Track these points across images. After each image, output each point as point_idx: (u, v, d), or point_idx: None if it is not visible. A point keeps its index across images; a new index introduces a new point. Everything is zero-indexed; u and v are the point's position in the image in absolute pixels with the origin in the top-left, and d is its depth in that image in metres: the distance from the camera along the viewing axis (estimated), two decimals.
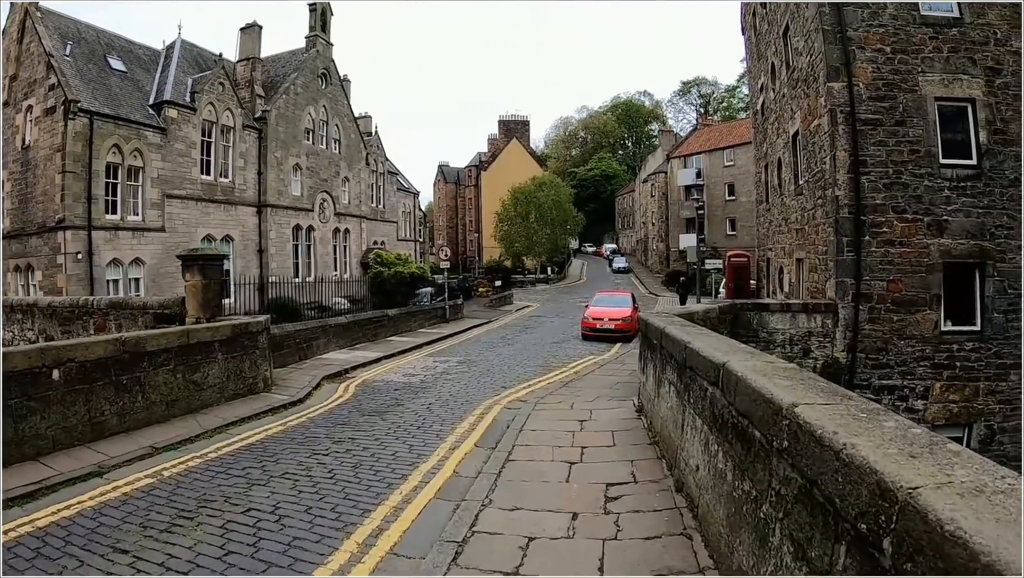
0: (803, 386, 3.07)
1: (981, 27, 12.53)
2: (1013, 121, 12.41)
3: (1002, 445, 12.28)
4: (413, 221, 44.90)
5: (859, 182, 11.73)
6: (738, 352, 4.48)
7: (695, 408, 4.76)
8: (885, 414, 2.49)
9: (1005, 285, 11.94)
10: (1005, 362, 12.01)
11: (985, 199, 12.01)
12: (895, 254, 11.69)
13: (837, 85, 12.01)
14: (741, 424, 3.41)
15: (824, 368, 11.51)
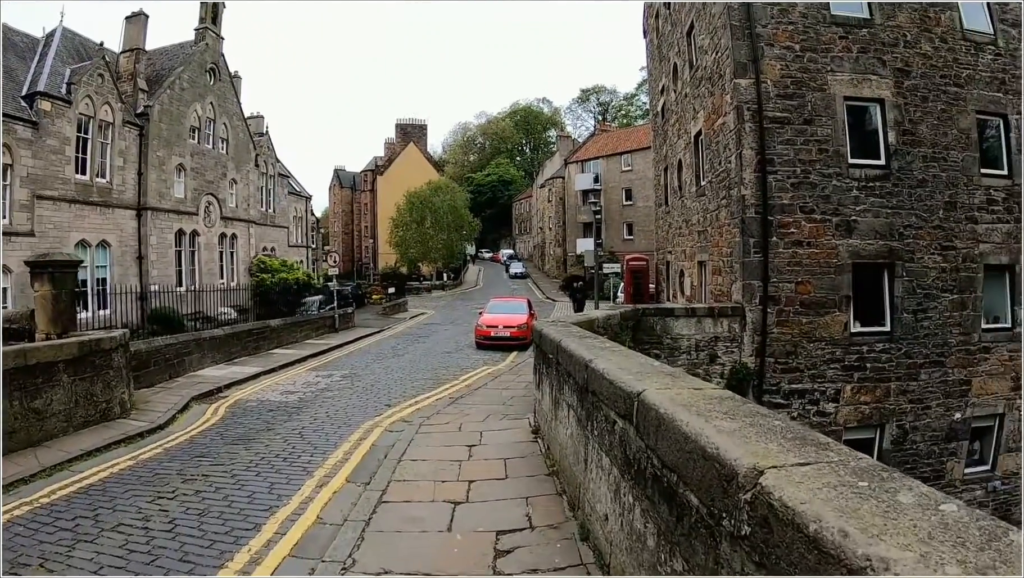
0: (757, 431, 2.17)
1: (891, 28, 12.23)
2: (921, 122, 12.16)
3: (914, 443, 11.97)
4: (305, 226, 42.53)
5: (766, 181, 11.17)
6: (654, 374, 3.51)
7: (601, 443, 3.82)
8: (892, 478, 1.68)
9: (914, 285, 11.62)
10: (915, 362, 11.68)
11: (894, 199, 11.66)
12: (803, 255, 11.18)
13: (744, 82, 11.45)
14: (668, 481, 2.49)
15: (732, 374, 10.93)
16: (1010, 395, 12.50)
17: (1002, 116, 12.85)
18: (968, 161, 12.24)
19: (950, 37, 12.59)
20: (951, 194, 11.98)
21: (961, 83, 12.52)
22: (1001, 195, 12.43)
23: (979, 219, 12.14)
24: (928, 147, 12.02)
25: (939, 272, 11.76)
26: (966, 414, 12.13)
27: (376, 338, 21.44)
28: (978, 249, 12.10)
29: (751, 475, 1.76)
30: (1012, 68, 13.10)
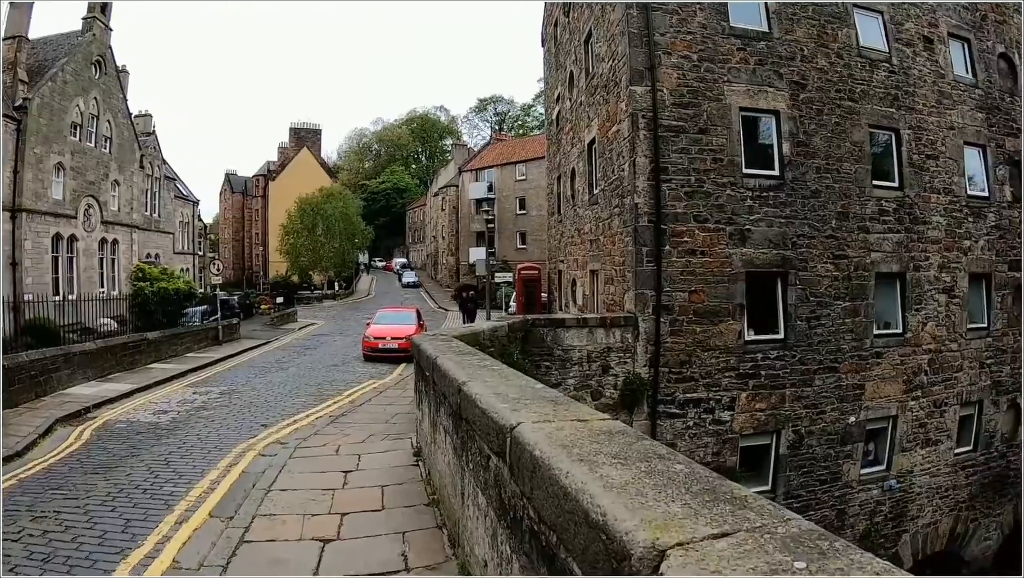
0: (656, 483, 1.73)
1: (789, 43, 12.26)
2: (816, 134, 12.21)
3: (811, 447, 11.96)
4: (193, 233, 40.40)
5: (660, 190, 10.98)
6: (534, 402, 2.99)
7: (476, 478, 3.30)
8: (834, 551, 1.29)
9: (807, 293, 11.61)
10: (810, 368, 11.67)
11: (787, 209, 11.64)
12: (697, 264, 11.02)
13: (640, 89, 11.25)
14: (547, 540, 1.98)
15: (626, 385, 10.67)
16: (902, 397, 12.66)
17: (894, 130, 13.06)
18: (861, 173, 12.36)
19: (846, 53, 12.74)
20: (843, 204, 12.06)
21: (856, 98, 12.66)
22: (892, 206, 12.60)
23: (871, 229, 12.26)
24: (822, 159, 12.08)
25: (832, 280, 11.80)
26: (860, 417, 12.20)
27: (261, 351, 20.40)
28: (870, 258, 12.21)
29: (649, 557, 1.32)
30: (905, 85, 13.35)
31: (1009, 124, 15.25)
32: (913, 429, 12.95)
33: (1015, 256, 14.68)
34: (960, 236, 13.55)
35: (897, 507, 13.28)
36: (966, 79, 14.60)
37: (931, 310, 13.02)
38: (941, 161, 13.46)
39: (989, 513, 15.26)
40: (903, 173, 12.85)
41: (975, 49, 14.93)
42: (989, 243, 14.15)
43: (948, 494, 14.08)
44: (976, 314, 14.07)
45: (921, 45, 13.83)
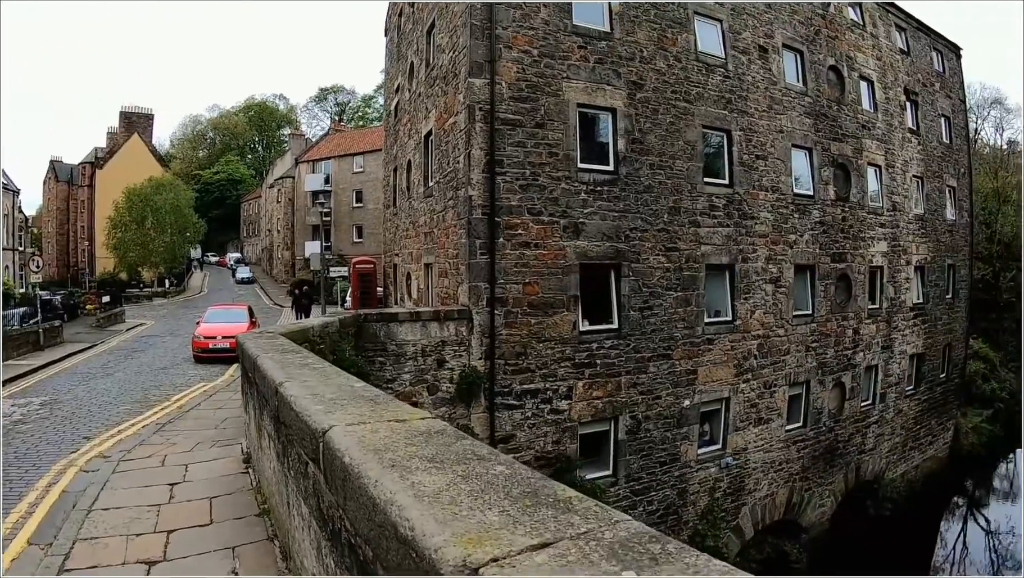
0: (472, 489, 1.55)
1: (629, 44, 12.32)
2: (651, 132, 12.35)
3: (648, 431, 12.12)
4: (12, 226, 36.88)
5: (494, 182, 10.71)
6: (352, 402, 2.74)
7: (298, 487, 2.96)
8: (667, 555, 1.16)
9: (639, 284, 11.74)
10: (644, 356, 11.80)
11: (621, 203, 11.70)
12: (531, 256, 10.86)
13: (479, 81, 10.92)
14: (364, 556, 1.75)
15: (462, 379, 10.34)
16: (734, 381, 13.12)
17: (726, 131, 13.48)
18: (693, 170, 12.66)
19: (684, 57, 13.00)
20: (676, 200, 12.30)
21: (691, 99, 12.94)
22: (722, 202, 13.01)
23: (701, 223, 12.59)
24: (656, 156, 12.25)
25: (664, 271, 12.01)
26: (695, 401, 12.52)
27: (86, 355, 18.71)
28: (700, 250, 12.54)
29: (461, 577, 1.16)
30: (739, 89, 13.82)
31: (835, 130, 16.24)
32: (745, 409, 13.48)
33: (838, 249, 15.67)
34: (786, 231, 14.25)
35: (735, 482, 13.77)
36: (797, 87, 15.37)
37: (759, 299, 13.59)
38: (770, 161, 14.08)
39: (822, 482, 16.22)
40: (733, 171, 13.31)
41: (807, 60, 15.75)
42: (813, 237, 14.98)
43: (782, 467, 14.79)
44: (801, 302, 14.84)
45: (756, 53, 14.39)
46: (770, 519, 15.08)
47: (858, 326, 16.53)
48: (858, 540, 17.46)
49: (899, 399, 18.85)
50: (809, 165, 15.27)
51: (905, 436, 19.64)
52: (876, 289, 17.44)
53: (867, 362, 17.02)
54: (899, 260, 18.39)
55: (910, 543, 19.26)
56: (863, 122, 17.36)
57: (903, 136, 19.32)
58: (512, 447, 10.69)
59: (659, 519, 12.48)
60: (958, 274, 22.54)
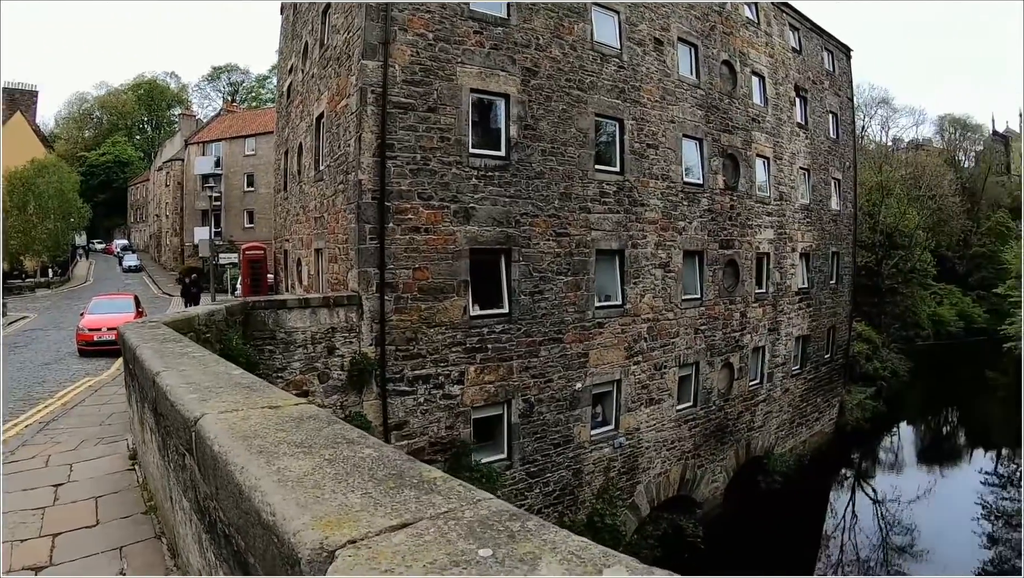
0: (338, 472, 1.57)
1: (526, 31, 12.55)
2: (543, 119, 12.68)
3: (541, 414, 12.57)
4: None
5: (385, 166, 10.74)
6: (228, 390, 2.75)
7: (178, 479, 2.91)
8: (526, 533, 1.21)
9: (530, 268, 12.12)
10: (535, 340, 12.22)
11: (512, 189, 12.01)
12: (421, 241, 10.99)
13: (372, 64, 10.88)
14: (238, 546, 1.72)
15: (352, 366, 10.38)
16: (625, 363, 13.83)
17: (618, 120, 14.10)
18: (584, 157, 13.17)
19: (580, 46, 13.40)
20: (566, 186, 12.76)
21: (585, 88, 13.39)
22: (613, 188, 13.62)
23: (592, 209, 13.13)
24: (548, 142, 12.62)
25: (554, 256, 12.45)
26: (587, 383, 13.10)
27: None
28: (590, 236, 13.07)
29: (318, 560, 1.17)
30: (633, 80, 14.47)
31: (726, 121, 17.36)
32: (637, 391, 14.25)
33: (726, 236, 16.85)
34: (676, 217, 15.09)
35: (629, 461, 14.59)
36: (690, 79, 16.26)
37: (648, 283, 14.34)
38: (661, 150, 14.85)
39: (714, 459, 17.46)
40: (625, 159, 13.94)
41: (702, 54, 16.67)
42: (702, 224, 15.96)
43: (675, 446, 15.80)
44: (690, 286, 15.79)
45: (652, 45, 15.08)
46: (665, 496, 16.05)
47: (745, 309, 17.77)
48: (751, 513, 18.85)
49: (786, 378, 20.52)
50: (699, 155, 16.22)
51: (793, 413, 21.43)
52: (763, 274, 18.77)
53: (754, 344, 18.33)
54: (785, 247, 19.91)
55: (801, 514, 20.93)
56: (753, 115, 18.65)
57: (792, 130, 20.92)
58: (405, 433, 10.83)
59: (556, 500, 13.03)
60: (842, 261, 24.73)
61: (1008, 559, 18.61)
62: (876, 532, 20.40)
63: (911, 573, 17.47)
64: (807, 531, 20.08)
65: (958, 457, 30.20)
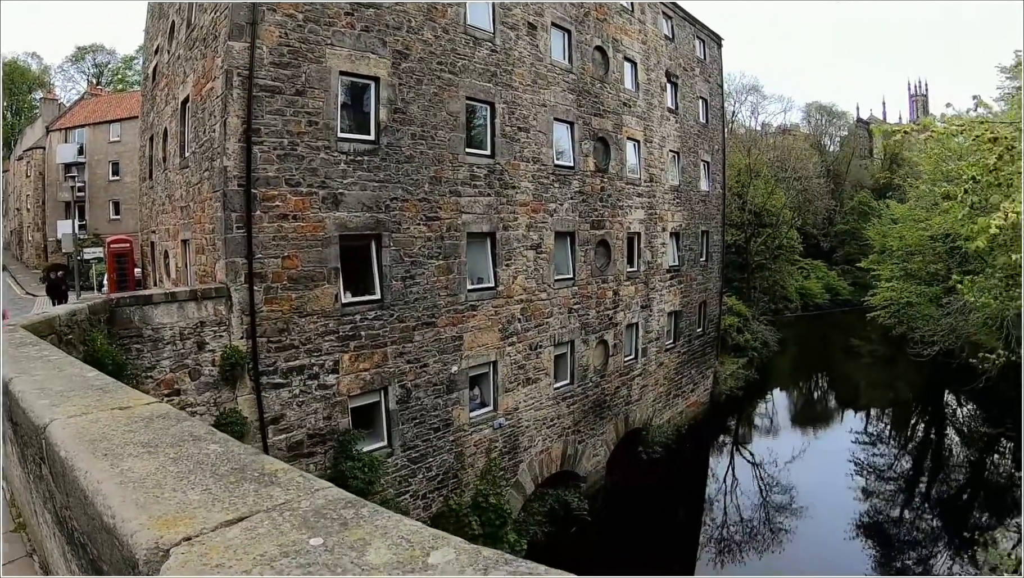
0: (180, 470, 1.65)
1: (398, 12, 12.85)
2: (414, 102, 13.15)
3: (419, 400, 13.24)
4: None
5: (251, 152, 10.81)
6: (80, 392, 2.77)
7: (39, 490, 2.83)
8: (359, 520, 1.34)
9: (401, 254, 12.69)
10: (409, 325, 12.87)
11: (382, 173, 12.46)
12: (289, 229, 11.21)
13: (238, 45, 10.82)
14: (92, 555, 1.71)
15: (224, 360, 10.49)
16: (500, 344, 14.85)
17: (490, 104, 14.89)
18: (455, 141, 13.88)
19: (452, 29, 13.92)
20: (437, 170, 13.39)
21: (456, 71, 13.99)
22: (484, 172, 14.43)
23: (463, 193, 13.88)
24: (418, 126, 13.14)
25: (425, 241, 13.09)
26: (463, 366, 13.94)
27: None
28: (461, 219, 13.81)
29: (154, 560, 1.22)
30: (505, 64, 15.32)
31: (597, 106, 18.81)
32: (513, 371, 15.34)
33: (597, 217, 18.42)
34: (547, 199, 16.22)
35: (510, 441, 15.76)
36: (562, 64, 17.40)
37: (521, 265, 15.39)
38: (532, 134, 15.88)
39: (594, 433, 19.13)
40: (496, 143, 14.78)
41: (575, 40, 17.83)
42: (573, 206, 17.27)
43: (554, 423, 17.20)
44: (563, 267, 17.06)
45: (525, 30, 15.95)
46: (548, 473, 17.38)
47: (618, 288, 19.44)
48: (635, 483, 20.70)
49: (660, 353, 22.72)
50: (571, 138, 17.47)
51: (669, 385, 23.77)
52: (634, 253, 20.52)
53: (628, 321, 20.10)
54: (656, 227, 21.88)
55: (684, 480, 23.20)
56: (624, 100, 20.32)
57: (662, 114, 22.97)
58: (283, 427, 11.06)
59: (440, 484, 13.84)
60: (711, 239, 27.51)
61: (882, 510, 21.53)
62: (756, 493, 22.76)
63: (792, 529, 19.76)
64: (691, 496, 22.30)
65: (829, 419, 34.20)
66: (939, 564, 17.99)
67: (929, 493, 24.24)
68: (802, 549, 18.63)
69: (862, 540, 19.34)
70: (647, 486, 21.11)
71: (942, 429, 32.25)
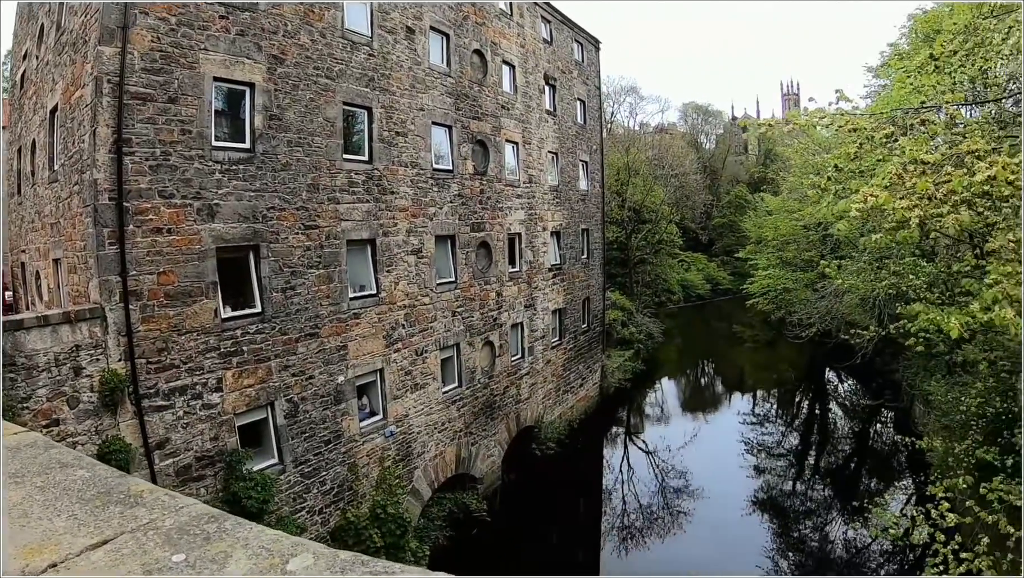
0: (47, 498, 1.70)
1: (274, 16, 13.02)
2: (290, 109, 13.36)
3: (307, 413, 13.59)
4: None
5: (122, 163, 10.70)
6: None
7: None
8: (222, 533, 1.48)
9: (280, 264, 12.99)
10: (291, 337, 13.21)
11: (258, 182, 12.66)
12: (164, 243, 11.22)
13: (109, 50, 10.62)
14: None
15: (103, 385, 10.30)
16: (385, 351, 15.49)
17: (367, 108, 15.41)
18: (332, 147, 14.30)
19: (330, 33, 14.25)
20: (314, 177, 13.76)
21: (333, 76, 14.35)
22: (362, 178, 14.95)
23: (341, 199, 14.33)
24: (295, 133, 13.41)
25: (305, 250, 13.44)
26: (349, 376, 14.43)
27: None
28: (340, 227, 14.28)
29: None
30: (383, 68, 15.87)
31: (476, 109, 19.91)
32: (400, 378, 16.03)
33: (477, 220, 19.58)
34: (426, 204, 17.02)
35: (403, 448, 16.49)
36: (441, 68, 18.22)
37: (402, 270, 16.09)
38: (410, 138, 16.60)
39: (487, 434, 20.27)
40: (373, 148, 15.32)
41: (453, 44, 18.65)
42: (453, 209, 18.18)
43: (446, 427, 18.12)
44: (444, 270, 17.95)
45: (403, 34, 16.53)
46: (444, 477, 18.18)
47: (501, 289, 20.64)
48: (532, 480, 21.94)
49: (547, 350, 24.30)
50: (449, 142, 18.34)
51: (557, 382, 25.46)
52: (516, 254, 21.83)
53: (512, 321, 21.37)
54: (536, 227, 23.35)
55: (580, 474, 24.64)
56: (503, 103, 21.59)
57: (541, 116, 24.55)
58: (169, 452, 11.04)
59: (336, 497, 14.17)
60: (592, 237, 29.61)
61: (775, 485, 23.79)
62: (653, 479, 24.63)
63: (691, 511, 21.49)
64: (589, 489, 23.83)
65: (718, 403, 37.48)
66: (834, 530, 20.14)
67: (819, 465, 27.01)
68: (702, 529, 20.35)
69: (759, 514, 21.42)
70: (544, 482, 22.45)
71: (825, 405, 35.90)
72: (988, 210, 8.57)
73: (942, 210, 7.78)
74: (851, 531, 19.65)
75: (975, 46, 9.67)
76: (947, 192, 7.61)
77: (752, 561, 18.08)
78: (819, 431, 31.96)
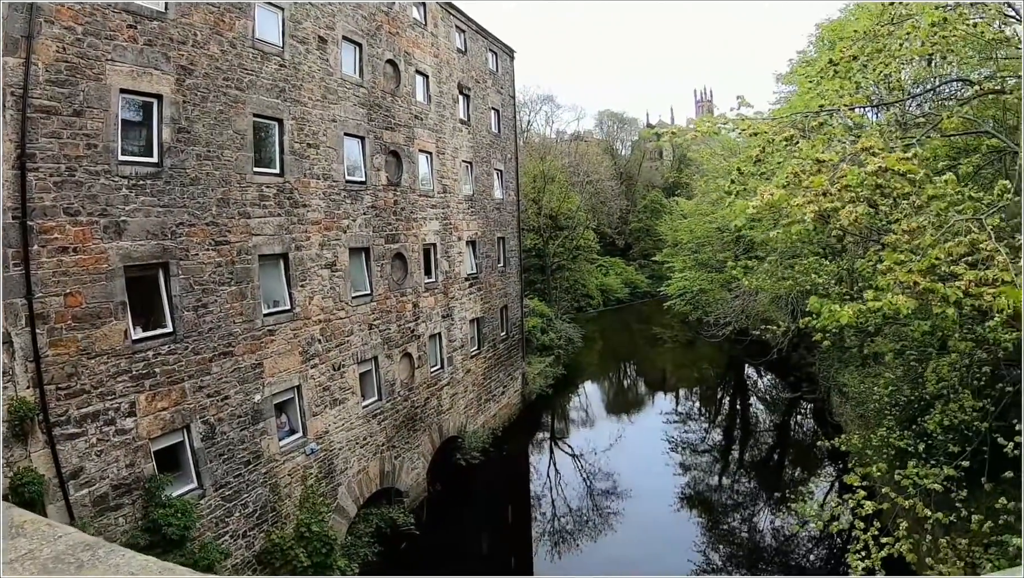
0: None
1: (183, 26, 13.10)
2: (199, 121, 13.40)
3: (225, 434, 13.65)
4: None
5: (26, 180, 10.60)
6: None
7: None
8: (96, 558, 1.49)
9: (191, 282, 13.11)
10: (205, 356, 13.33)
11: (166, 197, 12.72)
12: (71, 263, 11.15)
13: (12, 60, 10.44)
14: None
15: (12, 414, 10.21)
16: (302, 368, 15.78)
17: (278, 120, 15.59)
18: (243, 160, 14.46)
19: (240, 43, 14.40)
20: (224, 191, 13.92)
21: (243, 87, 14.49)
22: (273, 191, 15.21)
23: (252, 214, 14.54)
24: (204, 146, 13.52)
25: (216, 266, 13.60)
26: (266, 394, 14.63)
27: None
28: (252, 241, 14.49)
29: None
30: (294, 78, 16.09)
31: (388, 119, 20.54)
32: (319, 394, 16.35)
33: (391, 231, 20.18)
34: (339, 216, 17.44)
35: (325, 466, 16.82)
36: (353, 78, 18.62)
37: (316, 284, 16.46)
38: (322, 150, 16.97)
39: (409, 447, 20.83)
40: (285, 160, 15.62)
41: (366, 53, 19.11)
42: (367, 221, 18.69)
43: (367, 442, 18.55)
44: (359, 283, 18.41)
45: (315, 44, 16.85)
46: (369, 492, 18.52)
47: (417, 300, 21.29)
48: (457, 490, 22.55)
49: (466, 360, 25.13)
50: (362, 153, 18.81)
51: (479, 391, 26.33)
52: (431, 264, 22.57)
53: (430, 331, 22.06)
54: (451, 236, 24.15)
55: (506, 481, 25.49)
56: (416, 113, 22.33)
57: (455, 126, 25.47)
58: (84, 481, 10.95)
59: (259, 520, 14.30)
60: (508, 245, 30.70)
61: (701, 480, 25.31)
62: (581, 483, 25.71)
63: (620, 511, 22.52)
64: (517, 496, 24.80)
65: (641, 404, 39.27)
66: (762, 521, 21.55)
67: (743, 458, 28.91)
68: (633, 527, 21.56)
69: (688, 510, 22.89)
70: (470, 492, 23.25)
71: (746, 400, 38.38)
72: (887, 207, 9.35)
73: (836, 204, 8.44)
74: (778, 521, 21.05)
75: (875, 51, 10.60)
76: (841, 188, 8.37)
77: (684, 556, 19.35)
78: (741, 426, 34.10)
